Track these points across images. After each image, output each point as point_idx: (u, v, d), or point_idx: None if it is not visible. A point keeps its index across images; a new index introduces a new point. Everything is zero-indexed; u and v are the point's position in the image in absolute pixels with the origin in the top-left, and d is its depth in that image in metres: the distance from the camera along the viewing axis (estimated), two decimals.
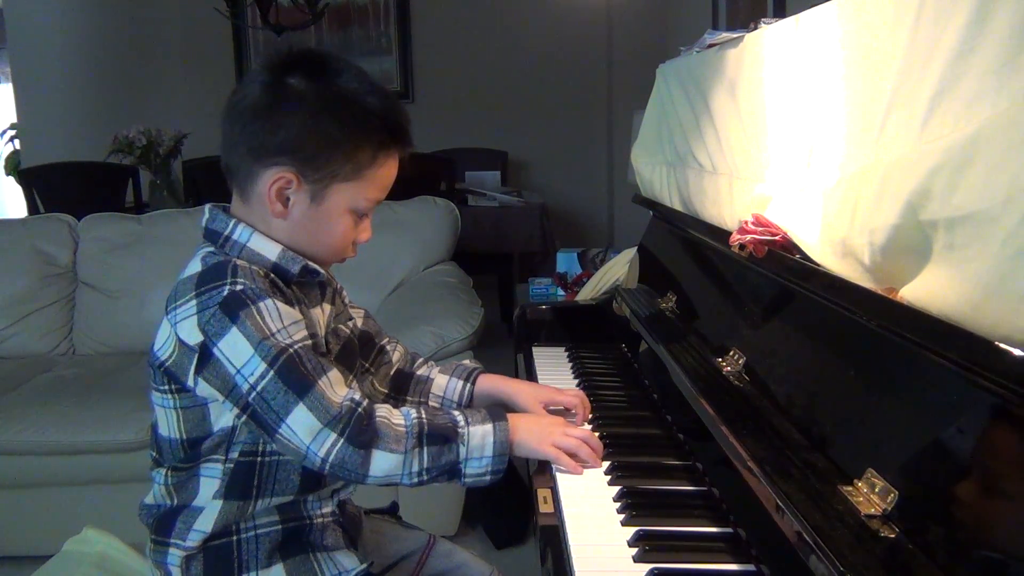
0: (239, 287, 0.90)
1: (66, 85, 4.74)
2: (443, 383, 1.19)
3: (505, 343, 2.65)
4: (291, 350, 0.90)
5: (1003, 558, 0.55)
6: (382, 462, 0.90)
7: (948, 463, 0.64)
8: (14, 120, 5.30)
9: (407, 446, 0.91)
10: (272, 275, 0.95)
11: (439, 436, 0.93)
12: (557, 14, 4.93)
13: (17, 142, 5.68)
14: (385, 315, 2.48)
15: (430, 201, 2.86)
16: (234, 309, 0.89)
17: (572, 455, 1.02)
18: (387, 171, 1.00)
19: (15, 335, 2.65)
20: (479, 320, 2.23)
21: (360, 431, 0.90)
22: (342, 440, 0.89)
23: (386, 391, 1.19)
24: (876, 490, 0.68)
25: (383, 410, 0.94)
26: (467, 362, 1.26)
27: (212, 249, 0.97)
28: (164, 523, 0.99)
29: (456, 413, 0.98)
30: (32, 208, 3.87)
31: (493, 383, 1.20)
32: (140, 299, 2.61)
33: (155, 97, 4.81)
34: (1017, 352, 0.56)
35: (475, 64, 5.07)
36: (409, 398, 1.20)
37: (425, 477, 0.93)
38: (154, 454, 1.01)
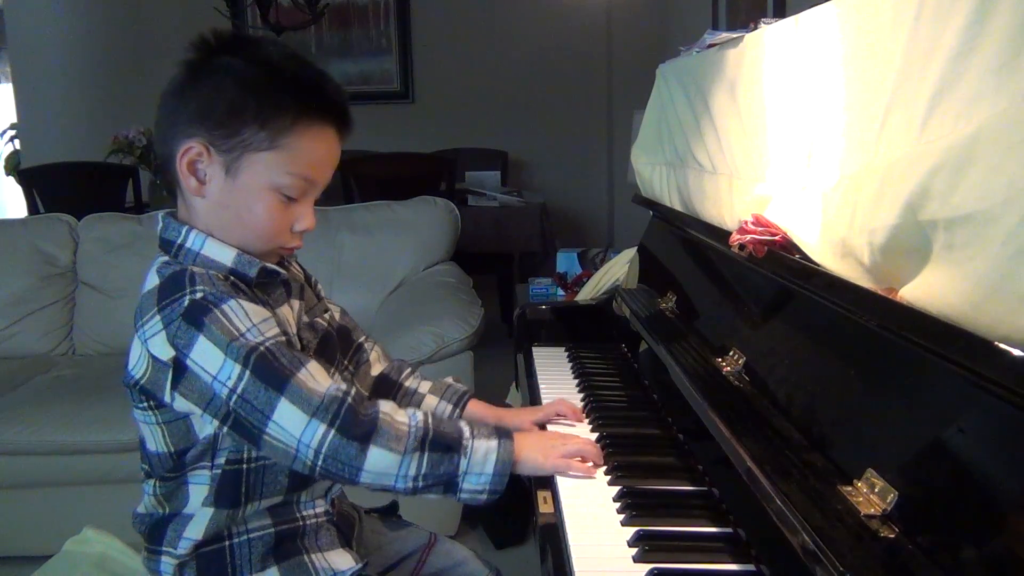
0: (199, 295, 0.88)
1: (66, 85, 4.74)
2: (433, 404, 1.17)
3: (505, 343, 2.66)
4: (262, 347, 0.87)
5: (1003, 558, 0.55)
6: (378, 459, 0.87)
7: (948, 463, 0.64)
8: (14, 120, 5.30)
9: (407, 446, 0.88)
10: (232, 278, 0.93)
11: (442, 444, 0.90)
12: (557, 14, 4.93)
13: (17, 142, 5.68)
14: (385, 315, 2.48)
15: (430, 201, 2.86)
16: (197, 317, 0.87)
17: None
18: (312, 143, 0.93)
19: (15, 335, 2.65)
20: (479, 320, 2.23)
21: (354, 422, 0.87)
22: (333, 430, 0.86)
23: (367, 395, 1.16)
24: (876, 490, 0.68)
25: (387, 406, 0.92)
26: (452, 380, 1.23)
27: (167, 259, 0.95)
28: (156, 531, 0.98)
29: (463, 424, 0.94)
30: (32, 208, 3.87)
31: (481, 412, 1.19)
32: None
33: (155, 97, 4.79)
34: (1017, 352, 0.56)
35: (475, 64, 5.07)
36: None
37: (420, 484, 0.89)
38: (144, 467, 1.00)
